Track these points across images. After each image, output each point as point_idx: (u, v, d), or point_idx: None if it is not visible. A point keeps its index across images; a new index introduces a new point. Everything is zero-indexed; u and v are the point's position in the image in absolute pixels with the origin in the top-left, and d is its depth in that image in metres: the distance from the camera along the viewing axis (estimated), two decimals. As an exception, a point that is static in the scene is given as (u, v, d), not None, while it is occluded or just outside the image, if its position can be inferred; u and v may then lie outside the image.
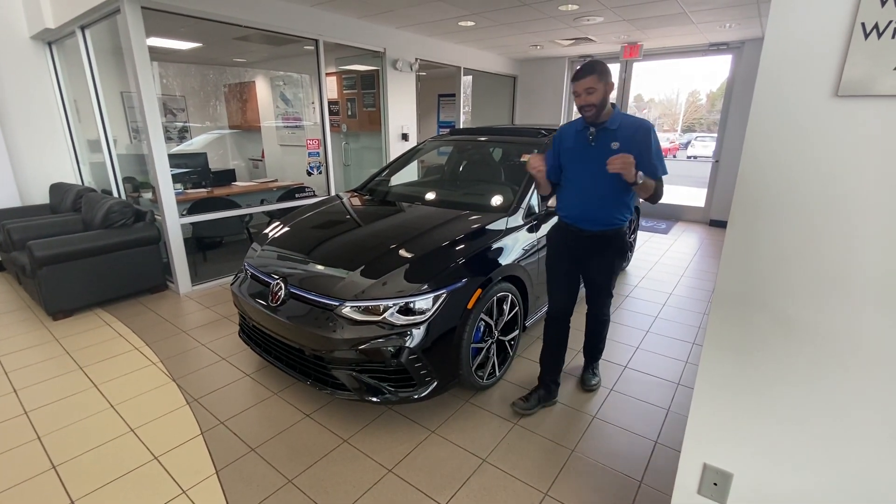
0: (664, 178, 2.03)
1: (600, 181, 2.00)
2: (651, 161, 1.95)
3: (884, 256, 1.00)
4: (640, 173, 1.88)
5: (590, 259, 2.20)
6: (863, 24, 0.95)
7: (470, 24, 5.00)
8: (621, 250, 2.19)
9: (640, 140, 1.96)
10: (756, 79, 1.07)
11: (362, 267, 2.23)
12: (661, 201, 2.11)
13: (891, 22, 0.93)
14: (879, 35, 0.94)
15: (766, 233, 1.12)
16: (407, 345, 2.03)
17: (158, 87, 6.34)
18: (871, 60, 0.95)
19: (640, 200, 2.30)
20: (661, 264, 4.77)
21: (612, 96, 2.02)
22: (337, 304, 2.10)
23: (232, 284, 2.67)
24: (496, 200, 2.88)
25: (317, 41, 4.55)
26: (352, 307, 2.08)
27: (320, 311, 2.14)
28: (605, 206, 2.07)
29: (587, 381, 2.54)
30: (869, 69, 0.95)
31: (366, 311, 2.07)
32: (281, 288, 2.27)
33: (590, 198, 2.08)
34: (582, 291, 2.38)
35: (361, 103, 5.97)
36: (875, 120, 0.96)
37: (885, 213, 0.98)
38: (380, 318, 2.05)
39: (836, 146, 1.01)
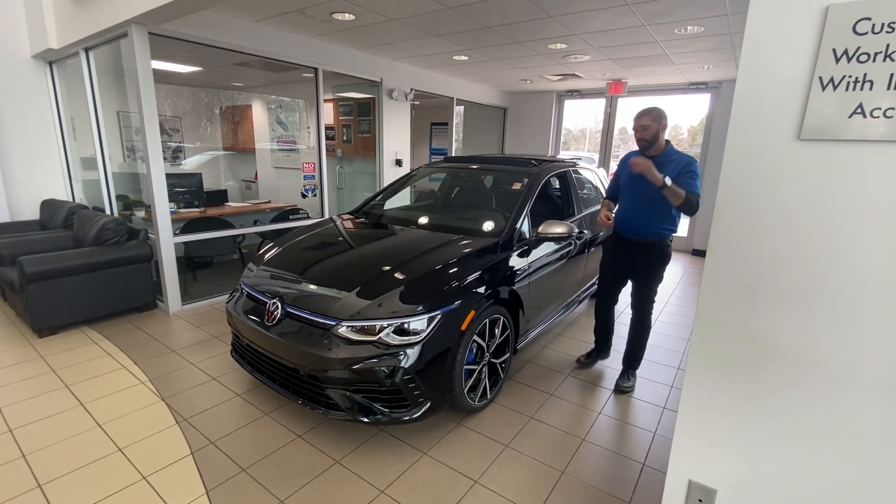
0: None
1: (645, 198, 2.52)
2: (685, 177, 2.39)
3: (845, 278, 1.10)
4: (667, 178, 2.28)
5: (635, 263, 2.70)
6: (820, 78, 1.08)
7: (464, 58, 5.24)
8: (661, 257, 2.63)
9: (682, 166, 2.43)
10: (730, 119, 1.19)
11: (358, 288, 2.28)
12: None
13: (844, 76, 1.06)
14: (835, 88, 1.07)
15: (741, 261, 1.22)
16: (401, 365, 2.07)
17: (155, 108, 6.40)
18: (829, 109, 1.08)
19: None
20: (646, 291, 4.89)
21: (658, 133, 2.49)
22: (333, 323, 2.14)
23: (227, 303, 2.69)
24: (488, 226, 2.97)
25: (316, 69, 4.72)
26: (348, 327, 2.12)
27: (316, 331, 2.17)
28: (647, 217, 2.58)
29: (621, 383, 2.84)
30: (827, 117, 1.08)
31: (361, 330, 2.11)
32: (277, 307, 2.30)
33: (636, 211, 2.63)
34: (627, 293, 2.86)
35: (357, 129, 6.12)
36: (833, 161, 1.09)
37: (843, 242, 1.09)
38: (375, 338, 2.09)
39: (801, 183, 1.13)
